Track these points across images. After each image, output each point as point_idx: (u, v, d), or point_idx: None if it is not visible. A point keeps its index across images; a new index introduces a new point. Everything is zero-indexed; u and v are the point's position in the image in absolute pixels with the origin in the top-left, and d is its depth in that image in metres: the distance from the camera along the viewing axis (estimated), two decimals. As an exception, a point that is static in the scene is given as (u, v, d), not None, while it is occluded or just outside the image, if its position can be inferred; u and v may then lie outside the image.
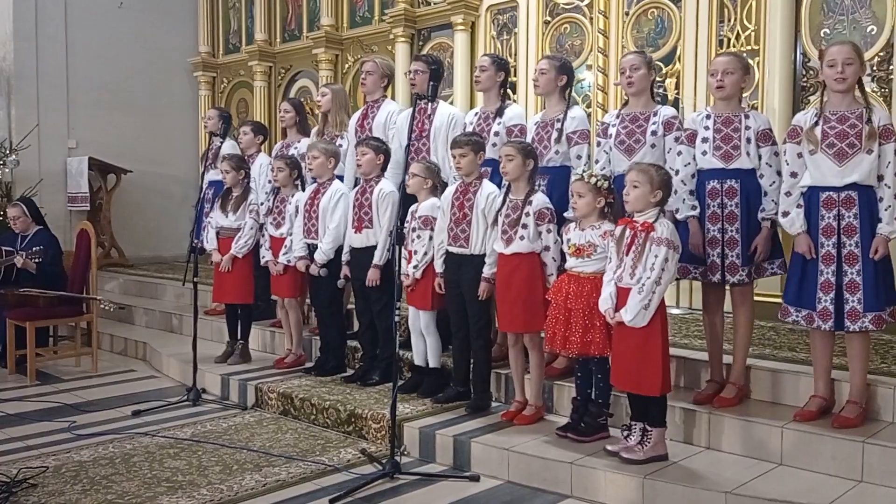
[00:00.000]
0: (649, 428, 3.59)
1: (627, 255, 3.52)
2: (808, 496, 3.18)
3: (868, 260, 3.45)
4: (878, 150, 3.45)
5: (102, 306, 5.84)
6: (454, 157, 4.28)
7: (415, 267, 4.48)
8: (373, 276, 4.72)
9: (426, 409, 4.36)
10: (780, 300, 3.79)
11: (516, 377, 4.22)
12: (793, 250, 3.65)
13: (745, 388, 3.94)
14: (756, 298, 5.14)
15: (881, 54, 5.04)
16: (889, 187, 3.44)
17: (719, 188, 3.81)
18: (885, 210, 3.44)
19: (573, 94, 4.70)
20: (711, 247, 3.83)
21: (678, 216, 3.84)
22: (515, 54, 6.80)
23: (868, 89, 4.68)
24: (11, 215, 6.25)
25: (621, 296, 3.54)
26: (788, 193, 3.64)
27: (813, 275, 3.56)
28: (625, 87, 4.17)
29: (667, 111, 4.11)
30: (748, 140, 3.77)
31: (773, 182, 3.74)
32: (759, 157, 3.78)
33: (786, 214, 3.63)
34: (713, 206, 3.83)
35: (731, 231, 3.80)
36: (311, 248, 5.10)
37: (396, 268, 3.99)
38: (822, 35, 5.24)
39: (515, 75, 6.64)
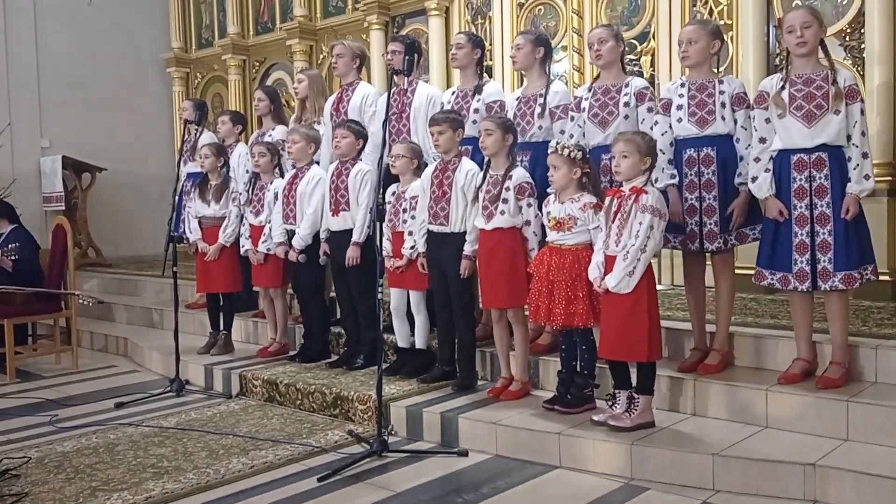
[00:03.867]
0: (636, 395, 3.60)
1: (614, 222, 3.53)
2: (794, 455, 3.20)
3: (839, 220, 3.47)
4: (845, 111, 3.47)
5: (81, 301, 5.76)
6: (432, 135, 4.26)
7: (412, 248, 4.45)
8: (352, 254, 4.70)
9: (412, 389, 4.34)
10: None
11: (501, 353, 4.21)
12: (763, 215, 3.69)
13: (728, 355, 3.96)
14: (736, 271, 5.23)
15: (852, 24, 5.08)
16: (857, 146, 3.46)
17: (696, 156, 3.82)
18: (854, 169, 3.46)
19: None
20: (690, 215, 3.84)
21: (657, 185, 3.84)
22: (490, 38, 6.79)
23: (839, 58, 4.76)
24: None
25: (609, 264, 3.54)
26: (757, 159, 3.66)
27: (787, 237, 3.59)
28: (594, 61, 4.19)
29: (638, 82, 4.10)
30: (723, 104, 3.78)
31: (749, 145, 3.74)
32: (735, 122, 3.79)
33: (754, 179, 3.66)
34: (690, 174, 3.84)
35: (709, 199, 3.81)
36: (291, 234, 5.07)
37: (378, 246, 3.98)
38: (794, 7, 5.27)
39: (491, 59, 6.63)
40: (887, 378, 3.59)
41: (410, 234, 4.47)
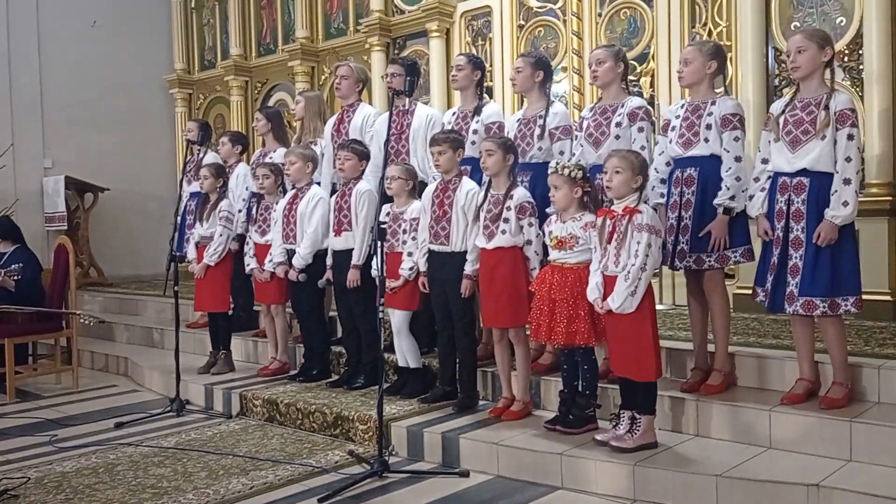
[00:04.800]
0: (638, 416, 3.58)
1: (610, 243, 3.53)
2: (798, 476, 3.18)
3: (811, 245, 3.47)
4: (835, 136, 3.46)
5: (82, 321, 5.75)
6: (433, 155, 4.28)
7: (410, 269, 4.45)
8: (352, 277, 4.70)
9: (413, 409, 4.32)
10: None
11: (503, 373, 4.20)
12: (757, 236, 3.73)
13: (731, 375, 3.94)
14: (737, 291, 5.23)
15: (850, 45, 5.12)
16: (838, 172, 3.44)
17: (681, 176, 3.86)
18: (833, 195, 3.44)
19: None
20: (668, 234, 3.87)
21: (648, 204, 3.86)
22: (491, 60, 6.83)
23: (838, 79, 4.77)
24: None
25: (608, 284, 3.55)
26: (757, 179, 3.69)
27: (768, 256, 3.63)
28: (592, 81, 4.24)
29: (633, 102, 4.09)
30: (709, 126, 3.77)
31: (730, 168, 3.74)
32: (721, 143, 3.77)
33: (751, 198, 3.69)
34: (675, 194, 3.88)
35: (686, 218, 3.83)
36: (291, 254, 5.07)
37: (378, 265, 3.97)
38: (792, 28, 5.30)
39: (491, 80, 6.68)
40: (890, 398, 3.58)
41: (410, 255, 4.47)
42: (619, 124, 4.04)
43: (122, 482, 3.74)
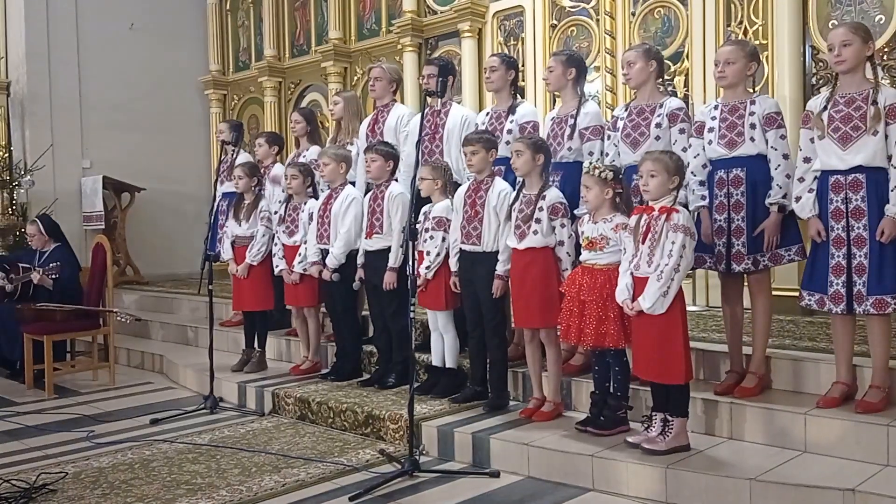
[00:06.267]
0: (670, 418, 3.55)
1: (644, 243, 3.51)
2: (833, 481, 3.13)
3: (875, 243, 3.41)
4: (886, 131, 3.41)
5: (119, 318, 5.86)
6: (466, 155, 4.29)
7: (427, 268, 4.48)
8: (389, 280, 4.72)
9: (444, 409, 4.33)
10: (797, 293, 3.76)
11: (534, 374, 4.19)
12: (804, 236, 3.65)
13: (766, 378, 3.89)
14: (774, 293, 5.15)
15: (890, 43, 5.02)
16: (895, 167, 3.39)
17: (725, 177, 3.80)
18: (892, 191, 3.38)
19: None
20: (718, 236, 3.82)
21: (689, 207, 3.82)
22: (523, 60, 6.81)
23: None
24: (29, 233, 6.45)
25: (638, 286, 3.52)
26: (802, 179, 3.63)
27: (824, 259, 3.55)
28: (625, 83, 4.20)
29: (672, 103, 4.07)
30: (752, 126, 3.74)
31: (779, 166, 3.71)
32: (767, 142, 3.74)
33: (798, 199, 3.62)
34: (720, 195, 3.82)
35: (738, 220, 3.78)
36: (325, 254, 5.11)
37: (410, 266, 3.98)
38: (829, 27, 5.21)
39: (524, 80, 6.65)
40: (930, 403, 3.51)
41: (428, 254, 4.48)
42: (658, 125, 4.01)
43: (158, 478, 3.80)
